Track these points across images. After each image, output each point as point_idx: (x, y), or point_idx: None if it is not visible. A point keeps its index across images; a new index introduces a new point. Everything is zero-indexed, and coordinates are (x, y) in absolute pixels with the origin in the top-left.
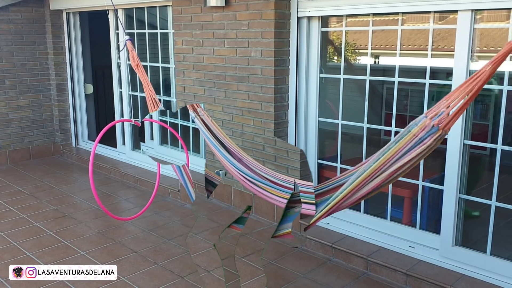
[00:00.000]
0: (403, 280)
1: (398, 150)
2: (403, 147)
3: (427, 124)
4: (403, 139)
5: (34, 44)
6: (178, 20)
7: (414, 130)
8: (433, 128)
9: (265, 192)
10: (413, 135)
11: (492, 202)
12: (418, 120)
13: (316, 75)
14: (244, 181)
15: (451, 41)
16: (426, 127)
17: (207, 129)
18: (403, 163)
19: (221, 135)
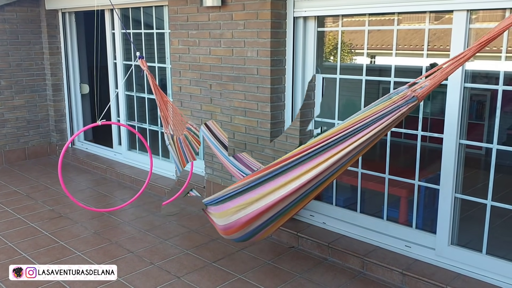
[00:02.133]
0: (399, 280)
1: (374, 113)
2: (380, 110)
3: (408, 94)
4: (382, 104)
5: (29, 44)
6: (174, 20)
7: (395, 97)
8: (413, 98)
9: None
10: (393, 102)
11: (488, 202)
12: (400, 90)
13: (313, 75)
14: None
15: (447, 41)
16: (407, 96)
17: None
18: (376, 127)
19: (223, 137)
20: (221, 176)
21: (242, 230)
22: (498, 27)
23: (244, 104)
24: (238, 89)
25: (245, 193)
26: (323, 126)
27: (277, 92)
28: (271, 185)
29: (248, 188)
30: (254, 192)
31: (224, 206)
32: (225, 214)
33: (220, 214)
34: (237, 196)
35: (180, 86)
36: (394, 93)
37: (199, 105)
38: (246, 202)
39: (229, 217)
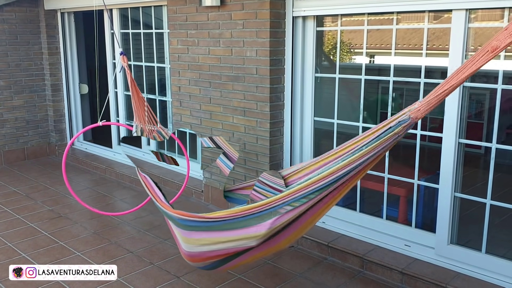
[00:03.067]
0: (399, 279)
1: (375, 148)
2: (383, 143)
3: (409, 122)
4: (385, 138)
5: (28, 44)
6: (173, 20)
7: (398, 130)
8: (411, 124)
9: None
10: (395, 133)
11: (487, 201)
12: (403, 121)
13: (312, 75)
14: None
15: (446, 40)
16: (408, 124)
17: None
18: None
19: (220, 141)
20: (220, 180)
21: (205, 262)
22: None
23: (244, 104)
24: (237, 89)
25: (212, 231)
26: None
27: (276, 91)
28: (243, 232)
29: (215, 226)
30: (222, 233)
31: (191, 234)
32: (191, 242)
33: (187, 239)
34: (204, 230)
35: (179, 86)
36: (397, 125)
37: (198, 105)
38: (211, 240)
39: (193, 246)
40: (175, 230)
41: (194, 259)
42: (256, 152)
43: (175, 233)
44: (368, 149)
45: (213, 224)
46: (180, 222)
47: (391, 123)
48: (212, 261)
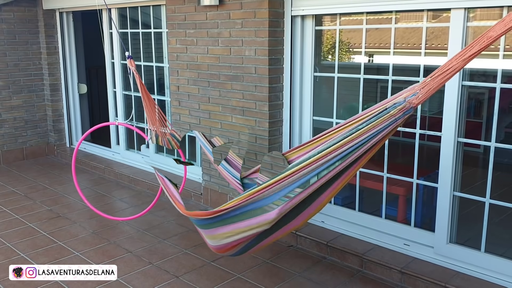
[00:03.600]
0: (398, 278)
1: (371, 128)
2: (377, 125)
3: (406, 107)
4: (381, 119)
5: (27, 44)
6: (171, 19)
7: (393, 111)
8: (410, 109)
9: None
10: (390, 115)
11: (486, 200)
12: (398, 103)
13: (310, 74)
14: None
15: (445, 39)
16: (404, 109)
17: (205, 139)
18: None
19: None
20: (219, 183)
21: (234, 249)
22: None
23: (242, 103)
24: (236, 88)
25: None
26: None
27: (275, 91)
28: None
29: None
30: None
31: (215, 231)
32: (216, 237)
33: (212, 236)
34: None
35: (178, 86)
36: (392, 107)
37: (197, 105)
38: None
39: (220, 240)
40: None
41: (222, 250)
42: (255, 152)
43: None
44: (366, 128)
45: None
46: (196, 223)
47: (387, 104)
48: (239, 248)
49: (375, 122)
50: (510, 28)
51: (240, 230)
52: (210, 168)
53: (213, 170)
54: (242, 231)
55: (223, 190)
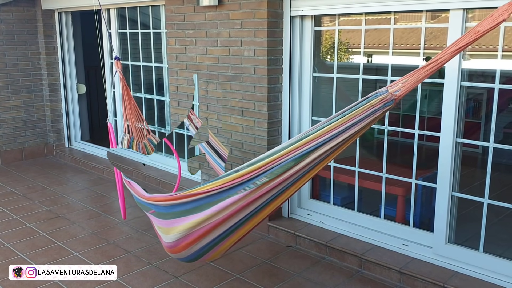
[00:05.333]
0: (397, 278)
1: (351, 118)
2: (357, 115)
3: (387, 98)
4: (360, 108)
5: (25, 44)
6: (170, 19)
7: (374, 101)
8: (391, 101)
9: None
10: (371, 105)
11: (485, 200)
12: (380, 93)
13: (310, 74)
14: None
15: (444, 40)
16: (385, 100)
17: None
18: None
19: (215, 143)
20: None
21: (188, 249)
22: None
23: (241, 103)
24: (235, 89)
25: (195, 213)
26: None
27: (274, 91)
28: (224, 204)
29: (198, 207)
30: (205, 212)
31: (172, 223)
32: (172, 231)
33: (167, 230)
34: (186, 214)
35: (177, 86)
36: (373, 96)
37: (197, 105)
38: (195, 221)
39: (176, 234)
40: (155, 224)
41: (177, 248)
42: (254, 152)
43: (155, 227)
44: (343, 120)
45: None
46: (160, 211)
47: (369, 95)
48: (195, 246)
49: (354, 113)
50: (498, 23)
51: (196, 222)
52: (209, 168)
53: (211, 169)
54: (197, 222)
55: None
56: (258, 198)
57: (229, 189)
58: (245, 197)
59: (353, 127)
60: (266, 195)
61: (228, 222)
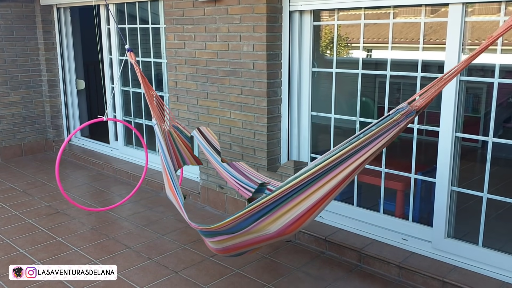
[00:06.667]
0: (396, 272)
1: (376, 133)
2: (381, 130)
3: (409, 110)
4: (384, 124)
5: (24, 39)
6: (169, 14)
7: (396, 116)
8: (412, 112)
9: None
10: (394, 120)
11: (484, 194)
12: (401, 108)
13: (309, 69)
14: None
15: (443, 34)
16: (407, 112)
17: (203, 137)
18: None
19: (216, 143)
20: (216, 182)
21: (236, 251)
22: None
23: (241, 99)
24: (234, 84)
25: (240, 230)
26: (317, 121)
27: (273, 86)
28: (264, 221)
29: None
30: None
31: (218, 237)
32: (220, 243)
33: (215, 242)
34: (232, 232)
35: (176, 81)
36: (395, 113)
37: (195, 100)
38: (233, 237)
39: (224, 243)
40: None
41: (223, 252)
42: (253, 147)
43: (205, 240)
44: (367, 136)
45: (230, 231)
46: (200, 232)
47: (390, 112)
48: (241, 250)
49: (378, 129)
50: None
51: (240, 235)
52: (207, 167)
53: (210, 169)
54: (241, 236)
55: (219, 189)
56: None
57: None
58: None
59: (379, 140)
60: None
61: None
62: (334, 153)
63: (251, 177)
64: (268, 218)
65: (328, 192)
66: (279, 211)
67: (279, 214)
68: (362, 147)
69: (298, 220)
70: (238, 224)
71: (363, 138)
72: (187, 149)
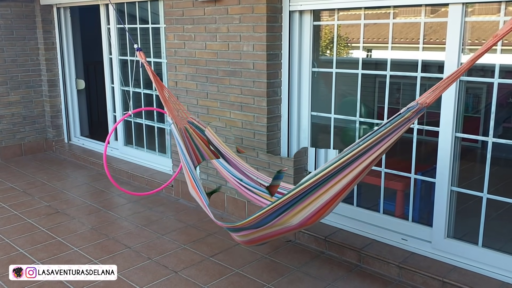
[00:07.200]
0: (396, 273)
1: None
2: (393, 128)
3: (419, 108)
4: (396, 123)
5: (24, 39)
6: (169, 14)
7: (408, 115)
8: (422, 109)
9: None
10: (405, 118)
11: (484, 194)
12: (411, 107)
13: (309, 69)
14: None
15: (443, 34)
16: (418, 109)
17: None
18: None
19: (217, 142)
20: (216, 181)
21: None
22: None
23: (241, 98)
24: (234, 84)
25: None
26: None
27: (273, 86)
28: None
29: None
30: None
31: (244, 232)
32: (246, 236)
33: (241, 236)
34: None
35: (176, 81)
36: (406, 111)
37: (195, 100)
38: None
39: (249, 236)
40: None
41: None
42: (253, 147)
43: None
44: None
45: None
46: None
47: (401, 110)
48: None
49: (390, 127)
50: None
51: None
52: (207, 167)
53: (210, 168)
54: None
55: (220, 189)
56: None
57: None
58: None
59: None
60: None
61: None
62: (351, 150)
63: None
64: (290, 212)
65: (345, 185)
66: (301, 205)
67: (300, 208)
68: (376, 143)
69: (318, 212)
70: (262, 220)
71: (377, 136)
72: (204, 143)
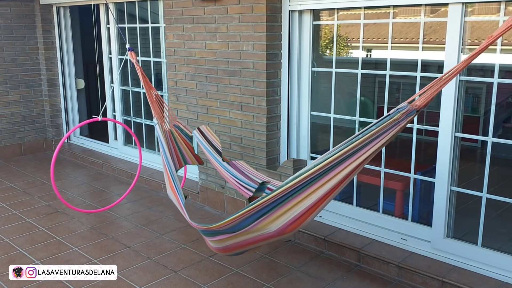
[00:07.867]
0: (395, 272)
1: (375, 133)
2: (381, 129)
3: (409, 110)
4: (385, 124)
5: (24, 39)
6: (169, 14)
7: (396, 116)
8: (413, 111)
9: None
10: (394, 120)
11: (483, 194)
12: (401, 108)
13: (308, 69)
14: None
15: (443, 34)
16: (407, 111)
17: (203, 136)
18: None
19: (216, 142)
20: (216, 182)
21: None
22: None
23: (240, 98)
24: (234, 84)
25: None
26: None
27: (273, 86)
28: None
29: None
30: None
31: (219, 237)
32: (220, 242)
33: (216, 241)
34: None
35: (176, 81)
36: (395, 112)
37: (194, 100)
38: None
39: (224, 242)
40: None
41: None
42: (253, 147)
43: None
44: (368, 136)
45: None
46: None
47: (390, 111)
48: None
49: (378, 129)
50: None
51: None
52: (207, 167)
53: (210, 168)
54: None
55: (220, 189)
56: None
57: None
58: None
59: (380, 139)
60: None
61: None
62: (335, 153)
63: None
64: (268, 217)
65: (328, 191)
66: (280, 210)
67: (279, 213)
68: (363, 146)
69: (299, 219)
70: (239, 223)
71: (363, 138)
72: (188, 148)
